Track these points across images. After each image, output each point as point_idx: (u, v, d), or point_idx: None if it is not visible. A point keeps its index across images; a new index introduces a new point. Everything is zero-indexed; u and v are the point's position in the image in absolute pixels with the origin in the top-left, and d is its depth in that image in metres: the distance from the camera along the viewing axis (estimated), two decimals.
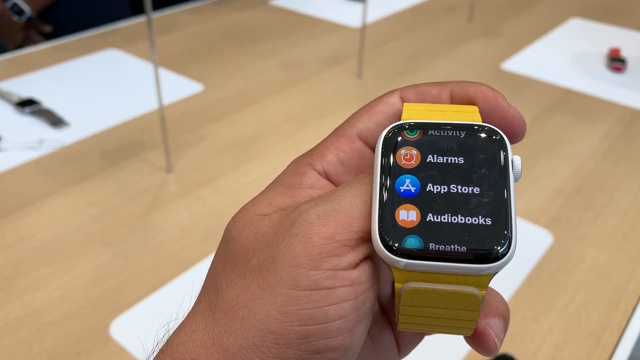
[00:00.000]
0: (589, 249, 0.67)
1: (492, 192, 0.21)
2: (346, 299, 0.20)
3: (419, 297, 0.21)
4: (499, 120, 0.23)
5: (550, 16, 1.39)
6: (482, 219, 0.20)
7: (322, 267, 0.20)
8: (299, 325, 0.20)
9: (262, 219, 0.22)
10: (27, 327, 0.55)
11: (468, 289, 0.20)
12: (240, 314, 0.21)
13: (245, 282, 0.21)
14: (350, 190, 0.22)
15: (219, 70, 1.07)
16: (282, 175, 0.24)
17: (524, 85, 1.06)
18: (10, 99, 0.92)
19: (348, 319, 0.20)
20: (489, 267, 0.20)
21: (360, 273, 0.21)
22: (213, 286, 0.22)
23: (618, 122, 0.94)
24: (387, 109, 0.24)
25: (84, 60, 1.08)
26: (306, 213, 0.21)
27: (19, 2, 1.21)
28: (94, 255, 0.64)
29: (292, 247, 0.20)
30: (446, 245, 0.20)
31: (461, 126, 0.22)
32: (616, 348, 0.56)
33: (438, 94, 0.24)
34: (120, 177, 0.76)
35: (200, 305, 0.22)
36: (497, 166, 0.21)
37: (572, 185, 0.78)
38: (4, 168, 0.77)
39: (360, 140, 0.24)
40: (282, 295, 0.20)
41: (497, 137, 0.22)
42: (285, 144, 0.85)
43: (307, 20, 1.31)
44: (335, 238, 0.20)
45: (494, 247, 0.20)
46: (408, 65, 1.12)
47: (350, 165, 0.24)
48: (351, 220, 0.21)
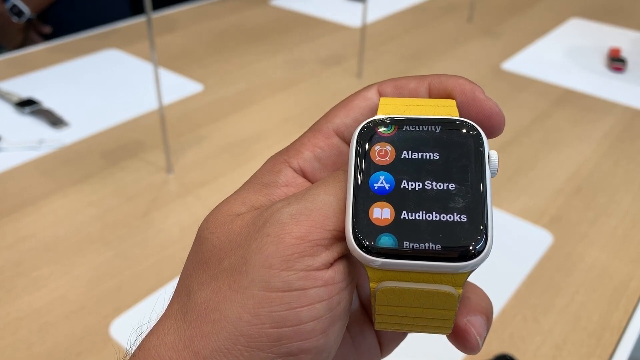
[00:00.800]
0: (589, 249, 0.67)
1: (468, 188, 0.20)
2: (319, 300, 0.20)
3: (394, 296, 0.20)
4: (476, 113, 0.22)
5: (550, 16, 1.39)
6: (457, 216, 0.20)
7: (294, 268, 0.20)
8: (271, 327, 0.19)
9: (234, 219, 0.22)
10: (27, 327, 0.55)
11: (444, 288, 0.20)
12: (211, 316, 0.20)
13: (216, 284, 0.21)
14: (324, 188, 0.21)
15: (219, 70, 1.07)
16: (258, 173, 0.24)
17: (524, 85, 1.06)
18: (10, 99, 0.92)
19: (322, 320, 0.20)
20: (464, 265, 0.19)
21: (335, 273, 0.20)
22: (185, 288, 0.22)
23: (618, 122, 0.94)
24: (364, 104, 0.24)
25: (84, 61, 1.08)
26: (279, 212, 0.21)
27: (18, 4, 1.21)
28: (94, 255, 0.64)
29: (263, 248, 0.20)
30: (421, 243, 0.19)
31: (437, 121, 0.21)
32: (616, 348, 0.56)
33: (416, 87, 0.24)
34: (120, 177, 0.76)
35: (173, 308, 0.22)
36: (473, 162, 0.21)
37: (572, 185, 0.78)
38: (4, 168, 0.77)
39: (337, 136, 0.24)
40: (253, 297, 0.20)
41: (473, 132, 0.21)
42: (285, 144, 0.85)
43: (307, 20, 1.31)
44: (308, 237, 0.20)
45: (469, 244, 0.19)
46: (408, 65, 1.12)
47: (326, 162, 0.23)
48: (325, 219, 0.20)
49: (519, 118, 0.94)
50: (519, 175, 0.80)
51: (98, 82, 1.00)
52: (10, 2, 1.21)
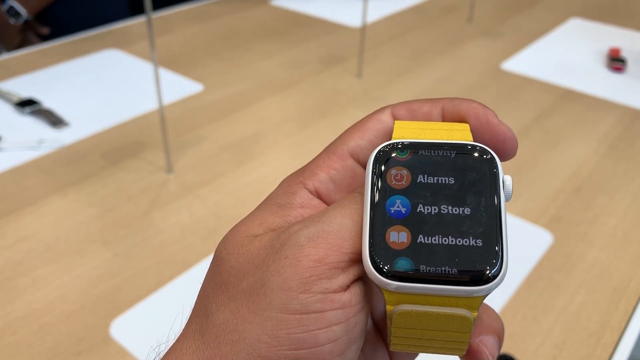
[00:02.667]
0: (589, 249, 0.67)
1: (483, 212, 0.20)
2: (337, 322, 0.20)
3: (411, 319, 0.20)
4: (490, 137, 0.23)
5: (550, 16, 1.39)
6: (472, 240, 0.20)
7: (312, 291, 0.20)
8: (289, 349, 0.20)
9: (252, 240, 0.22)
10: (27, 327, 0.55)
11: (459, 311, 0.20)
12: (230, 337, 0.20)
13: (235, 305, 0.21)
14: (340, 211, 0.21)
15: (219, 70, 1.07)
16: (274, 195, 0.24)
17: (524, 85, 1.06)
18: (10, 99, 0.92)
19: (339, 342, 0.20)
20: (480, 290, 0.20)
21: (351, 295, 0.20)
22: (203, 309, 0.22)
23: (618, 122, 0.94)
24: (378, 126, 0.24)
25: (84, 61, 1.08)
26: (296, 235, 0.21)
27: (15, 5, 1.21)
28: (94, 255, 0.64)
29: (282, 270, 0.20)
30: (437, 267, 0.20)
31: (452, 145, 0.22)
32: (616, 348, 0.56)
33: (429, 111, 0.24)
34: (120, 177, 0.76)
35: (191, 328, 0.22)
36: (488, 186, 0.21)
37: (572, 185, 0.78)
38: (4, 168, 0.77)
39: (352, 158, 0.24)
40: (271, 319, 0.20)
41: (487, 156, 0.21)
42: (285, 144, 0.85)
43: (307, 20, 1.31)
44: (326, 260, 0.20)
45: (485, 268, 0.20)
46: (408, 65, 1.12)
47: (342, 184, 0.24)
48: (342, 242, 0.20)
49: (519, 118, 0.94)
50: (519, 175, 0.80)
51: (98, 82, 1.00)
52: (7, 4, 1.21)
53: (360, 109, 0.95)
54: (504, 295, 0.60)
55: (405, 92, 1.02)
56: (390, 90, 1.02)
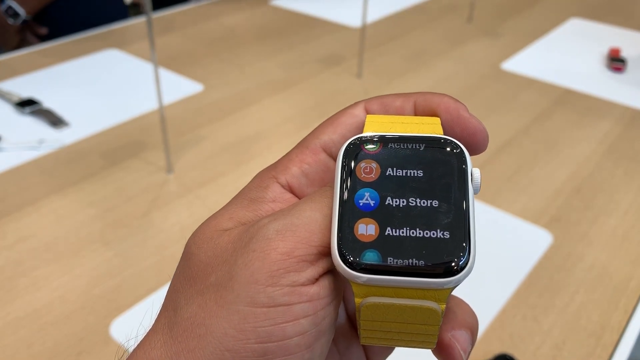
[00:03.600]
0: (589, 249, 0.67)
1: (452, 205, 0.20)
2: (304, 315, 0.20)
3: (379, 311, 0.20)
4: (460, 131, 0.23)
5: (550, 16, 1.39)
6: (440, 233, 0.20)
7: (279, 284, 0.20)
8: (256, 342, 0.20)
9: (221, 234, 0.22)
10: (27, 327, 0.55)
11: (427, 304, 0.20)
12: (197, 331, 0.20)
13: (202, 299, 0.21)
14: (310, 204, 0.21)
15: (219, 70, 1.07)
16: (246, 189, 0.24)
17: (524, 85, 1.06)
18: (10, 99, 0.92)
19: (306, 335, 0.20)
20: (448, 282, 0.20)
21: (320, 288, 0.20)
22: (172, 303, 0.22)
23: (618, 122, 0.94)
24: (351, 121, 0.24)
25: (84, 61, 1.08)
26: (265, 228, 0.21)
27: (13, 5, 1.21)
28: (94, 255, 0.64)
29: (249, 264, 0.20)
30: (404, 259, 0.20)
31: (421, 139, 0.22)
32: (616, 348, 0.56)
33: (402, 105, 0.24)
34: (120, 177, 0.76)
35: (160, 322, 0.22)
36: (457, 179, 0.21)
37: (572, 185, 0.78)
38: (4, 168, 0.77)
39: (324, 152, 0.24)
40: (238, 313, 0.20)
41: (457, 150, 0.21)
42: (285, 144, 0.85)
43: (307, 20, 1.31)
44: (294, 253, 0.20)
45: (452, 260, 0.19)
46: (408, 65, 1.12)
47: (314, 178, 0.24)
48: (310, 235, 0.20)
49: (519, 118, 0.94)
50: (519, 175, 0.80)
51: (98, 82, 1.00)
52: (5, 4, 1.21)
53: None
54: (504, 295, 0.60)
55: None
56: (390, 90, 1.02)
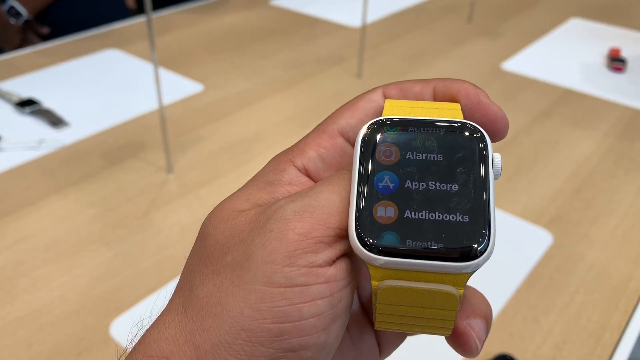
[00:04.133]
0: (589, 249, 0.67)
1: (471, 189, 0.20)
2: (321, 297, 0.20)
3: (396, 295, 0.20)
4: (481, 117, 0.23)
5: (550, 16, 1.39)
6: (460, 217, 0.20)
7: (296, 264, 0.20)
8: (272, 322, 0.19)
9: (238, 215, 0.22)
10: (27, 327, 0.55)
11: (445, 288, 0.20)
12: (213, 310, 0.20)
13: (218, 279, 0.21)
14: (328, 187, 0.21)
15: (219, 70, 1.07)
16: (262, 172, 0.24)
17: (524, 85, 1.06)
18: (10, 99, 0.92)
19: (323, 316, 0.20)
20: (466, 266, 0.19)
21: (337, 270, 0.20)
22: (187, 283, 0.22)
23: (618, 122, 0.94)
24: (369, 106, 0.24)
25: (84, 61, 1.08)
26: (282, 209, 0.21)
27: (15, 5, 1.21)
28: (94, 255, 0.64)
29: (266, 244, 0.20)
30: (423, 242, 0.19)
31: (441, 123, 0.22)
32: (616, 348, 0.56)
33: (421, 91, 0.24)
34: (120, 177, 0.76)
35: (174, 302, 0.22)
36: (477, 164, 0.21)
37: (572, 185, 0.78)
38: (4, 168, 0.77)
39: (342, 136, 0.24)
40: (255, 292, 0.20)
41: (477, 134, 0.21)
42: (285, 144, 0.85)
43: (307, 20, 1.31)
44: (311, 234, 0.20)
45: (472, 245, 0.19)
46: (408, 65, 1.12)
47: (330, 162, 0.23)
48: (328, 217, 0.20)
49: (519, 118, 0.94)
50: (519, 175, 0.80)
51: (98, 82, 1.00)
52: (7, 4, 1.21)
53: None
54: (504, 295, 0.60)
55: None
56: None
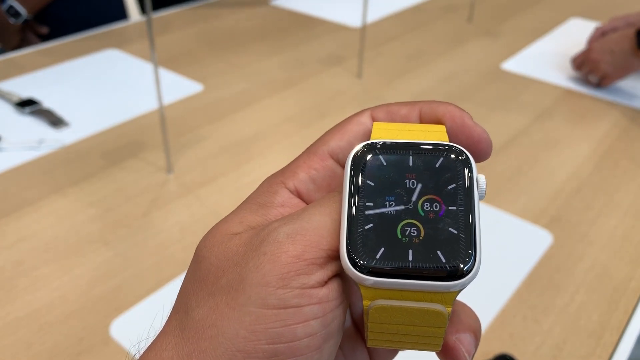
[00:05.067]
0: (589, 249, 0.67)
1: (458, 210, 0.21)
2: (314, 317, 0.20)
3: (386, 314, 0.21)
4: (465, 139, 0.23)
5: (550, 16, 1.39)
6: (447, 237, 0.20)
7: (290, 286, 0.20)
8: (267, 343, 0.20)
9: (232, 238, 0.22)
10: (27, 327, 0.55)
11: (434, 306, 0.21)
12: (209, 332, 0.21)
13: (214, 301, 0.21)
14: (319, 209, 0.22)
15: (219, 70, 1.07)
16: (254, 194, 0.25)
17: (524, 85, 1.06)
18: (10, 99, 0.92)
19: (316, 337, 0.21)
20: (454, 285, 0.20)
21: (329, 291, 0.21)
22: (183, 305, 0.22)
23: (618, 122, 0.94)
24: (357, 128, 0.25)
25: (84, 61, 1.08)
26: (275, 232, 0.21)
27: (14, 5, 1.21)
28: (94, 255, 0.64)
29: (260, 266, 0.21)
30: (412, 262, 0.20)
31: (428, 146, 0.22)
32: (616, 348, 0.56)
33: (407, 114, 0.25)
34: (120, 177, 0.76)
35: (170, 324, 0.22)
36: (463, 185, 0.21)
37: (572, 185, 0.78)
38: (4, 168, 0.77)
39: (332, 158, 0.24)
40: (250, 314, 0.20)
41: (462, 156, 0.22)
42: (285, 144, 0.85)
43: (307, 20, 1.31)
44: (304, 256, 0.21)
45: (459, 264, 0.20)
46: (408, 65, 1.12)
47: (321, 183, 0.24)
48: (320, 239, 0.21)
49: (518, 118, 0.94)
50: (519, 175, 0.80)
51: (98, 82, 1.00)
52: (6, 3, 1.21)
53: (361, 109, 0.95)
54: (503, 296, 0.60)
55: (405, 92, 1.02)
56: (390, 90, 1.02)
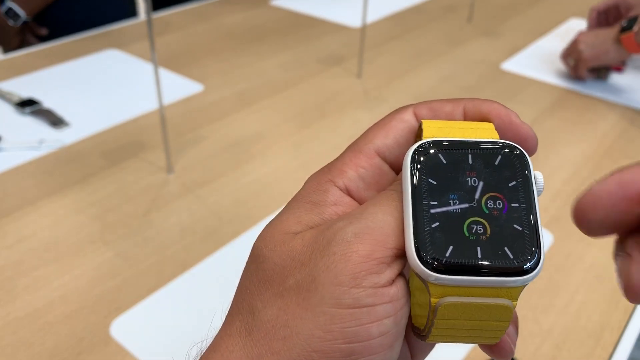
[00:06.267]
0: (589, 249, 0.67)
1: (521, 207, 0.21)
2: (387, 316, 0.21)
3: (456, 311, 0.21)
4: (512, 137, 0.24)
5: (550, 16, 1.39)
6: (513, 233, 0.21)
7: (362, 285, 0.20)
8: (344, 343, 0.20)
9: (293, 238, 0.23)
10: (27, 327, 0.55)
11: (502, 301, 0.21)
12: (281, 333, 0.21)
13: (283, 302, 0.21)
14: (381, 207, 0.22)
15: (219, 70, 1.07)
16: (304, 193, 0.25)
17: (524, 85, 1.06)
18: (11, 99, 0.92)
19: (389, 335, 0.21)
20: (522, 280, 0.20)
21: (398, 289, 0.21)
22: (247, 306, 0.22)
23: (618, 122, 0.94)
24: (401, 125, 0.25)
25: (84, 61, 1.08)
26: (342, 231, 0.21)
27: (14, 7, 1.21)
28: (94, 255, 0.64)
29: (332, 266, 0.21)
30: (481, 259, 0.20)
31: (486, 144, 0.23)
32: (616, 348, 0.56)
33: (451, 111, 0.25)
34: (121, 177, 0.76)
35: (234, 325, 0.22)
36: (522, 182, 0.22)
37: (571, 186, 0.78)
38: (4, 168, 0.77)
39: (379, 156, 0.24)
40: (324, 314, 0.20)
41: (519, 154, 0.23)
42: (285, 144, 0.85)
43: (307, 20, 1.31)
44: (373, 256, 0.21)
45: (526, 260, 0.20)
46: (408, 65, 1.12)
47: (370, 182, 0.24)
48: (386, 238, 0.21)
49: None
50: None
51: (98, 82, 1.00)
52: (5, 5, 1.21)
53: (360, 109, 0.95)
54: None
55: (405, 92, 1.02)
56: (390, 90, 1.02)
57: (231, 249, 0.65)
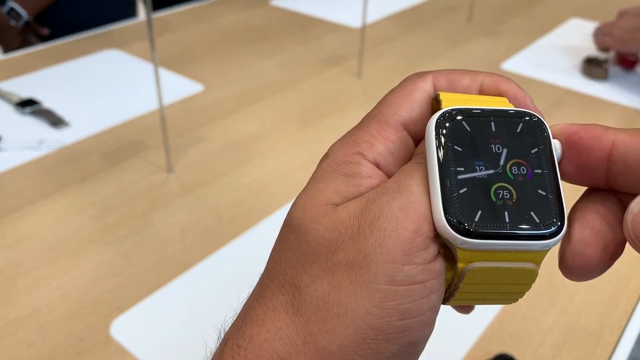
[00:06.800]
0: None
1: (544, 172, 0.22)
2: (434, 291, 0.21)
3: (482, 275, 0.22)
4: None
5: (550, 16, 1.39)
6: (538, 198, 0.22)
7: (414, 262, 0.20)
8: (398, 319, 0.20)
9: (336, 210, 0.22)
10: (27, 327, 0.55)
11: (528, 265, 0.22)
12: (335, 311, 0.20)
13: (333, 278, 0.21)
14: (415, 180, 0.22)
15: (219, 70, 1.07)
16: (332, 164, 0.24)
17: (524, 85, 1.05)
18: (11, 99, 0.92)
19: (435, 309, 0.21)
20: (548, 243, 0.21)
21: (440, 264, 0.21)
22: (289, 280, 0.22)
23: (618, 122, 0.94)
24: (425, 97, 0.25)
25: (84, 61, 1.08)
26: (388, 206, 0.21)
27: (15, 7, 1.21)
28: (94, 255, 0.64)
29: (383, 242, 0.20)
30: (508, 223, 0.21)
31: (508, 112, 0.23)
32: (616, 348, 0.56)
33: (469, 85, 0.25)
34: (121, 177, 0.76)
35: (278, 300, 0.22)
36: (544, 149, 0.22)
37: (571, 185, 0.78)
38: (4, 168, 0.77)
39: (405, 130, 0.24)
40: (379, 292, 0.20)
41: (539, 122, 0.23)
42: (285, 144, 0.85)
43: (307, 20, 1.31)
44: (420, 231, 0.21)
45: (551, 224, 0.21)
46: (408, 65, 1.12)
47: (398, 156, 0.24)
48: (428, 212, 0.21)
49: None
50: None
51: (98, 82, 1.01)
52: (7, 5, 1.21)
53: (361, 109, 0.95)
54: None
55: None
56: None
57: (231, 249, 0.65)
